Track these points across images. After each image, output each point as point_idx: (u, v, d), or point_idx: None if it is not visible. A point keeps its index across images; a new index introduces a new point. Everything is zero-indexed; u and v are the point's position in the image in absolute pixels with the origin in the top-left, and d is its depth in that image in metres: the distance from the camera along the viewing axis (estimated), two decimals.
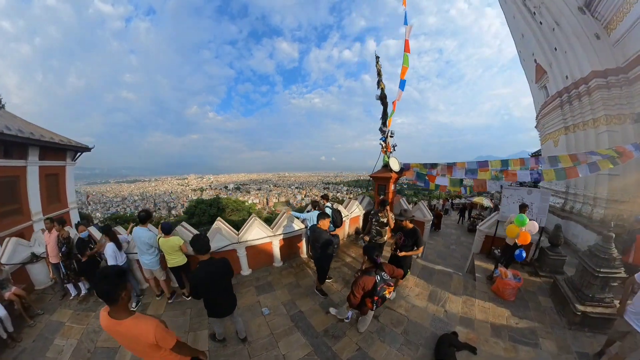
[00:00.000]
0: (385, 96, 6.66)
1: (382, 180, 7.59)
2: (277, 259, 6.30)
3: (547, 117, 12.48)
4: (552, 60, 11.72)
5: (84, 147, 10.34)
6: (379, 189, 7.74)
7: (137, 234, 4.46)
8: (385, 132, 6.86)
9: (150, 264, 4.61)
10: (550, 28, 11.58)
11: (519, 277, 5.21)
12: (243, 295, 5.13)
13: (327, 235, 4.45)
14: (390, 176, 7.18)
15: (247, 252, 5.84)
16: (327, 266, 4.79)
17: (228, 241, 5.55)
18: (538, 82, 12.87)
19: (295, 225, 6.40)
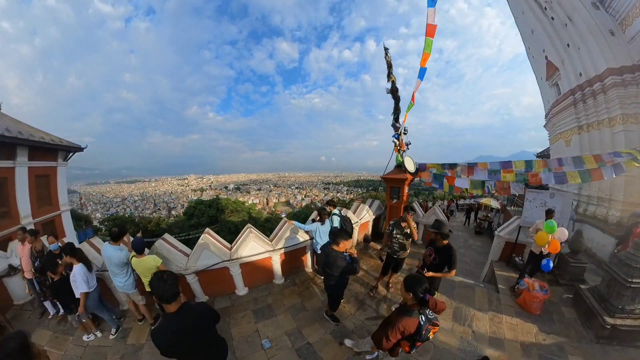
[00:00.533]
0: (396, 89, 6.15)
1: (395, 182, 6.87)
2: (277, 276, 5.49)
3: (558, 116, 12.03)
4: (564, 56, 11.28)
5: (77, 146, 9.90)
6: (391, 192, 7.04)
7: (107, 254, 3.71)
8: (399, 128, 6.25)
9: (124, 287, 3.90)
10: (562, 24, 11.14)
11: (546, 289, 4.88)
12: (238, 322, 4.38)
13: (346, 261, 3.47)
14: (405, 178, 6.50)
15: (243, 270, 5.03)
16: (342, 295, 4.06)
17: (218, 258, 4.74)
18: (549, 80, 12.41)
19: (299, 237, 5.62)
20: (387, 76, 6.12)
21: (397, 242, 4.60)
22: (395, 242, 4.62)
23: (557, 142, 12.49)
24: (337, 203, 7.57)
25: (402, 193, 6.79)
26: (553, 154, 13.02)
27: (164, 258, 4.32)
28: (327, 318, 4.29)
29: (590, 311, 4.35)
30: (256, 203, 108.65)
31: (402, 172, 6.60)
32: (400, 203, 6.82)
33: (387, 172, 7.03)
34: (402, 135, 6.32)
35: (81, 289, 3.54)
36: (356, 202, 7.38)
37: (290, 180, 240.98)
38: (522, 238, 6.22)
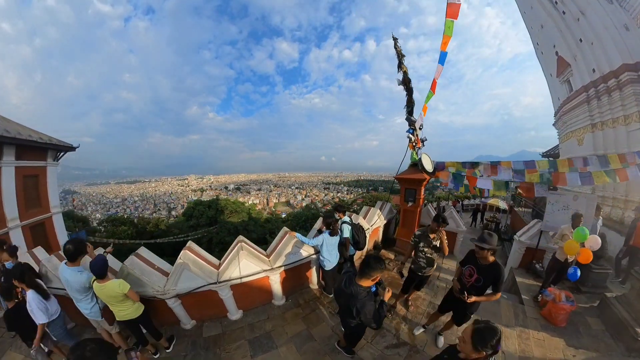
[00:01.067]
0: (409, 80, 5.66)
1: (411, 183, 6.17)
2: (277, 296, 4.69)
3: (570, 114, 11.59)
4: (576, 52, 10.87)
5: (68, 145, 9.46)
6: (406, 194, 6.32)
7: (64, 277, 3.06)
8: (414, 122, 5.66)
9: (91, 314, 3.27)
10: (574, 18, 10.74)
11: (572, 300, 4.51)
12: (231, 355, 3.63)
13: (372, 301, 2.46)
14: (423, 178, 5.83)
15: (235, 292, 4.25)
16: (363, 333, 3.31)
17: (202, 280, 3.91)
18: (560, 76, 11.98)
19: (302, 252, 4.82)
20: (397, 67, 5.67)
21: (424, 257, 3.85)
22: (422, 256, 3.87)
23: (568, 140, 12.04)
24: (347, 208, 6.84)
25: (419, 195, 6.15)
26: (563, 153, 12.57)
27: (137, 280, 3.61)
28: (340, 349, 3.64)
29: (620, 322, 4.07)
30: (256, 203, 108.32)
31: (418, 172, 5.88)
32: (416, 206, 6.24)
33: (401, 171, 6.36)
34: (418, 131, 5.75)
35: (39, 320, 2.93)
36: (366, 207, 6.75)
37: (291, 180, 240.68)
38: (543, 243, 5.78)
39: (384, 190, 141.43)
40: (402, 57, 5.58)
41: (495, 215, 14.14)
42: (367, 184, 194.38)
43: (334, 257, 4.43)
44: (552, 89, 13.25)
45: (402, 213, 6.71)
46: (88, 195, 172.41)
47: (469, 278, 3.10)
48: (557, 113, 13.03)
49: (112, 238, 26.47)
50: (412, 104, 5.68)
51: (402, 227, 6.82)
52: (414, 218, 6.42)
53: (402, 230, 6.84)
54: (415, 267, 4.04)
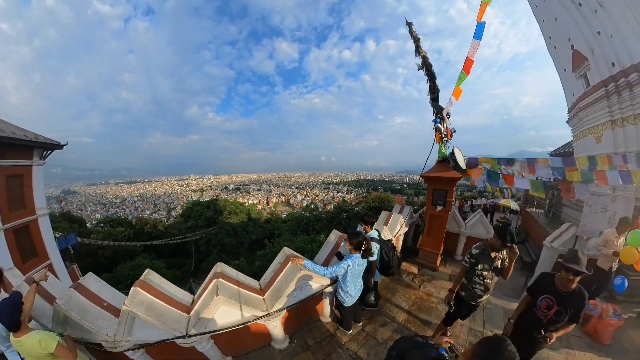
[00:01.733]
0: (430, 65, 5.03)
1: (441, 182, 5.23)
2: (278, 339, 3.63)
3: (587, 110, 10.99)
4: (594, 45, 10.28)
5: (55, 143, 8.89)
6: (434, 196, 5.41)
7: None
8: (441, 110, 4.92)
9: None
10: (592, 10, 10.18)
11: (619, 314, 3.98)
12: None
13: None
14: (456, 177, 4.98)
15: (218, 340, 3.23)
16: None
17: (165, 333, 2.83)
18: (575, 71, 11.38)
19: (312, 284, 3.67)
20: (415, 51, 5.08)
21: (482, 282, 3.04)
22: (479, 282, 3.05)
23: (584, 138, 11.45)
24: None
25: (450, 197, 5.26)
26: (579, 151, 11.98)
27: (76, 326, 2.62)
28: None
29: None
30: (256, 203, 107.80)
31: (449, 169, 5.06)
32: (446, 211, 5.42)
33: (427, 168, 5.49)
34: (446, 120, 5.07)
35: None
36: (385, 212, 5.91)
37: (291, 180, 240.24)
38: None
39: (384, 190, 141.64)
40: (418, 41, 4.99)
41: (505, 216, 13.57)
42: (367, 184, 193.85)
43: (358, 289, 3.41)
44: (566, 84, 12.64)
45: (428, 219, 5.82)
46: (88, 195, 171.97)
47: (546, 311, 2.42)
48: (571, 109, 12.44)
49: (108, 239, 25.93)
50: (437, 90, 5.05)
51: (427, 235, 5.87)
52: (443, 225, 5.60)
53: (427, 240, 5.95)
54: (467, 294, 3.19)
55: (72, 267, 10.72)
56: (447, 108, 5.11)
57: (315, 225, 16.69)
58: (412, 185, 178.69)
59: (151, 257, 27.43)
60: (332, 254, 3.94)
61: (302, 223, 17.11)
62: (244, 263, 27.13)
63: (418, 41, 5.04)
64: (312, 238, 14.49)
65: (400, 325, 4.12)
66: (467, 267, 3.13)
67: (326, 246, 4.09)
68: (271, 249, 13.64)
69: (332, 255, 3.94)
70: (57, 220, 27.10)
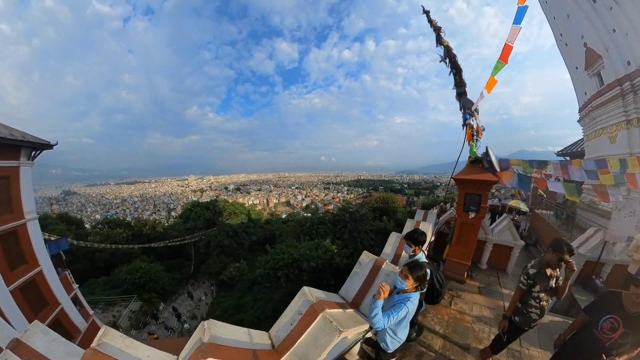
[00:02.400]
0: (454, 55, 4.59)
1: (475, 186, 4.78)
2: None
3: (600, 109, 10.58)
4: (609, 43, 9.90)
5: (45, 143, 8.41)
6: (466, 201, 4.92)
7: None
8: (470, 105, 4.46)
9: None
10: (607, 7, 9.81)
11: None
12: None
13: None
14: (493, 180, 4.57)
15: None
16: None
17: None
18: (589, 69, 10.95)
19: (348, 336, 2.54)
20: (436, 42, 4.63)
21: (539, 304, 2.70)
22: (536, 304, 2.71)
23: (597, 138, 11.04)
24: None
25: (484, 203, 4.82)
26: (590, 151, 11.57)
27: None
28: None
29: None
30: (256, 203, 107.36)
31: (483, 171, 4.63)
32: (479, 218, 4.96)
33: (458, 171, 5.01)
34: (476, 116, 4.59)
35: None
36: (409, 221, 5.36)
37: (291, 180, 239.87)
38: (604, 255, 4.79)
39: (384, 190, 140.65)
40: (439, 30, 4.53)
41: (514, 218, 13.14)
42: (368, 184, 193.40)
43: (407, 331, 2.76)
44: (578, 82, 12.22)
45: (458, 226, 5.30)
46: (88, 196, 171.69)
47: (610, 333, 2.14)
48: (582, 108, 12.02)
49: (106, 241, 25.47)
50: (464, 84, 4.59)
51: (455, 244, 5.36)
52: (475, 233, 5.13)
53: (456, 250, 5.42)
54: (521, 319, 2.83)
55: (64, 274, 10.28)
56: (477, 103, 4.65)
57: (318, 228, 15.96)
58: (412, 185, 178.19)
59: (150, 259, 27.01)
60: (367, 284, 3.06)
61: (305, 226, 16.40)
62: (244, 266, 26.73)
63: (439, 30, 4.60)
64: (317, 243, 13.73)
65: (439, 354, 3.61)
66: (524, 289, 2.77)
67: (358, 273, 3.20)
68: (273, 255, 12.90)
69: (369, 285, 3.05)
70: (54, 222, 26.70)
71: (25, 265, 8.36)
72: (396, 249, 4.04)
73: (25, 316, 7.81)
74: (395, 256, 3.92)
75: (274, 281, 12.42)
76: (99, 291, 19.62)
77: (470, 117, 4.46)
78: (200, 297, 23.10)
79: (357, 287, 3.09)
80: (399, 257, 3.84)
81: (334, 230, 15.84)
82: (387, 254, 4.00)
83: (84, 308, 11.01)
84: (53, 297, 9.13)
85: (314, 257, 12.22)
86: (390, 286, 2.52)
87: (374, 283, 2.99)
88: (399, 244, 3.98)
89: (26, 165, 8.30)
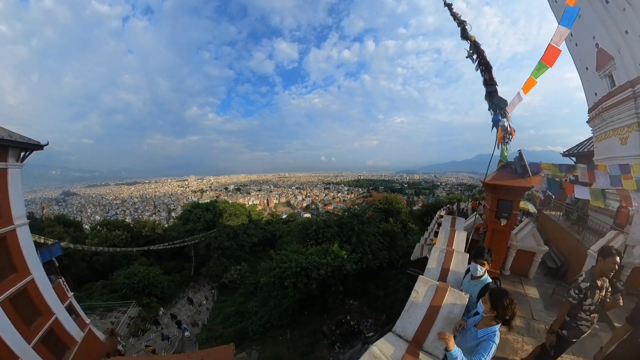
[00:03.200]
0: (482, 51, 4.34)
1: (508, 192, 4.63)
2: None
3: (612, 110, 10.44)
4: (621, 45, 9.76)
5: (34, 143, 7.99)
6: (499, 207, 4.76)
7: None
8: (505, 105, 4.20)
9: None
10: (620, 8, 9.68)
11: None
12: None
13: None
14: (528, 186, 4.51)
15: None
16: None
17: None
18: (600, 70, 10.76)
19: None
20: (461, 36, 4.37)
21: (589, 317, 2.63)
22: (586, 317, 2.64)
23: (607, 139, 10.89)
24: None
25: (516, 209, 4.77)
26: (600, 152, 11.41)
27: None
28: None
29: None
30: (257, 204, 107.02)
31: (516, 177, 4.47)
32: (510, 224, 4.84)
33: (491, 175, 4.83)
34: (509, 117, 4.29)
35: None
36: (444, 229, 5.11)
37: (291, 180, 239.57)
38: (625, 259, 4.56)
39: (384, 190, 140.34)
40: (464, 24, 4.26)
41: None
42: (368, 184, 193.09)
43: None
44: (588, 83, 12.01)
45: (489, 233, 5.16)
46: (88, 196, 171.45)
47: None
48: (592, 109, 11.81)
49: (105, 244, 25.09)
50: (494, 82, 4.33)
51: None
52: (506, 240, 5.11)
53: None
54: (570, 333, 2.74)
55: (58, 282, 9.94)
56: (513, 104, 4.40)
57: (325, 232, 15.34)
58: (412, 185, 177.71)
59: (149, 261, 26.66)
60: (430, 317, 2.62)
61: (311, 230, 15.70)
62: (245, 268, 26.35)
63: (464, 24, 4.33)
64: (325, 248, 13.07)
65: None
66: (573, 303, 2.68)
67: (417, 305, 2.74)
68: (279, 263, 12.18)
69: (432, 317, 2.62)
70: (51, 225, 26.37)
71: (16, 274, 8.00)
72: (442, 263, 3.57)
73: (17, 328, 7.50)
74: (442, 272, 3.46)
75: (281, 290, 11.75)
76: (97, 296, 19.31)
77: (503, 117, 4.21)
78: (201, 301, 22.73)
79: (417, 322, 2.66)
80: (447, 272, 3.41)
81: (340, 234, 15.25)
82: (432, 271, 3.54)
83: (80, 317, 10.67)
84: (46, 306, 8.82)
85: (324, 265, 11.62)
86: (457, 316, 2.28)
87: (438, 314, 2.61)
88: (444, 258, 3.61)
89: (15, 167, 7.91)
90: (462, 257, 3.60)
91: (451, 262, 3.46)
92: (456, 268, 3.43)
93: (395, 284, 13.32)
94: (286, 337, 12.25)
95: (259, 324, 13.46)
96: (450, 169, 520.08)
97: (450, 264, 3.45)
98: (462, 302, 2.57)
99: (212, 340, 14.29)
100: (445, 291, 2.69)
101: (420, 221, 26.92)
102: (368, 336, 10.12)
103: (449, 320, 2.51)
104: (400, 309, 2.75)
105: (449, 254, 3.58)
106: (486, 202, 5.26)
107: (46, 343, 8.49)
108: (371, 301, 13.02)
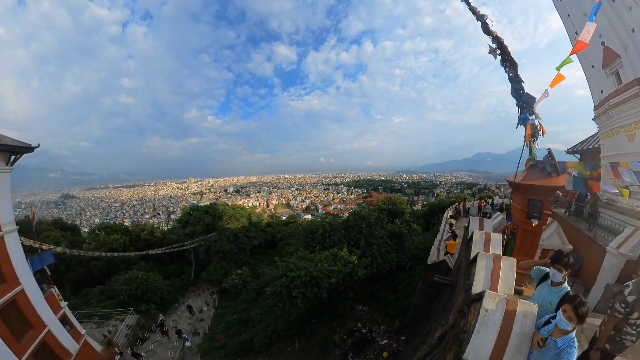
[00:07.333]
0: (506, 47, 4.19)
1: (539, 192, 4.54)
2: None
3: (618, 108, 10.39)
4: (628, 43, 9.70)
5: (25, 146, 7.63)
6: (529, 207, 4.64)
7: None
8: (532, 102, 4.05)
9: None
10: (626, 7, 9.64)
11: None
12: None
13: None
14: (559, 185, 4.41)
15: None
16: None
17: None
18: (606, 68, 10.66)
19: None
20: (482, 31, 4.19)
21: (635, 331, 2.48)
22: (632, 331, 2.49)
23: (614, 136, 10.81)
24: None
25: (547, 209, 4.60)
26: (607, 149, 11.36)
27: None
28: None
29: None
30: (256, 206, 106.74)
31: (547, 176, 4.36)
32: (541, 225, 4.68)
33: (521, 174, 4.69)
34: (537, 114, 4.11)
35: None
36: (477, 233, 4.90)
37: (290, 181, 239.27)
38: None
39: (384, 190, 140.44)
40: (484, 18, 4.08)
41: None
42: (367, 184, 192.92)
43: None
44: (594, 81, 11.95)
45: (520, 234, 5.04)
46: (87, 199, 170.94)
47: None
48: (598, 106, 11.73)
49: (102, 248, 24.73)
50: (520, 80, 4.17)
51: (517, 253, 5.09)
52: (536, 241, 5.00)
53: (518, 259, 5.25)
54: (613, 347, 2.59)
55: (50, 291, 9.59)
56: (540, 100, 4.27)
57: (332, 235, 14.86)
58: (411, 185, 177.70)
59: (148, 265, 26.33)
60: (504, 336, 2.43)
61: (317, 234, 15.19)
62: (247, 273, 25.94)
63: (484, 18, 4.14)
64: (333, 254, 12.55)
65: None
66: (620, 318, 2.52)
67: (487, 324, 2.52)
68: (286, 271, 11.56)
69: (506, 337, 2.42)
70: (48, 229, 26.02)
71: (4, 284, 7.63)
72: (491, 272, 3.33)
73: (6, 343, 7.18)
74: (493, 281, 3.25)
75: (289, 301, 11.08)
76: (95, 302, 18.97)
77: (531, 114, 4.05)
78: (202, 307, 22.27)
79: (490, 343, 2.45)
80: (497, 280, 3.23)
81: (347, 237, 14.72)
82: (482, 282, 3.28)
83: (75, 328, 10.32)
84: (38, 318, 8.48)
85: (335, 272, 11.02)
86: (530, 329, 2.25)
87: (512, 331, 2.42)
88: (492, 265, 3.36)
89: (4, 171, 7.58)
90: (511, 262, 3.38)
91: (500, 269, 3.26)
92: (506, 275, 3.20)
93: (405, 287, 12.95)
94: (295, 348, 11.63)
95: (264, 335, 12.75)
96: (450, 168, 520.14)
97: (500, 271, 3.24)
98: (533, 312, 2.40)
99: (214, 351, 13.84)
100: (515, 304, 2.49)
101: (425, 221, 26.65)
102: (382, 344, 9.74)
103: (523, 336, 2.32)
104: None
105: (497, 260, 3.36)
106: (515, 202, 5.11)
107: (39, 357, 8.15)
108: (382, 306, 12.61)
